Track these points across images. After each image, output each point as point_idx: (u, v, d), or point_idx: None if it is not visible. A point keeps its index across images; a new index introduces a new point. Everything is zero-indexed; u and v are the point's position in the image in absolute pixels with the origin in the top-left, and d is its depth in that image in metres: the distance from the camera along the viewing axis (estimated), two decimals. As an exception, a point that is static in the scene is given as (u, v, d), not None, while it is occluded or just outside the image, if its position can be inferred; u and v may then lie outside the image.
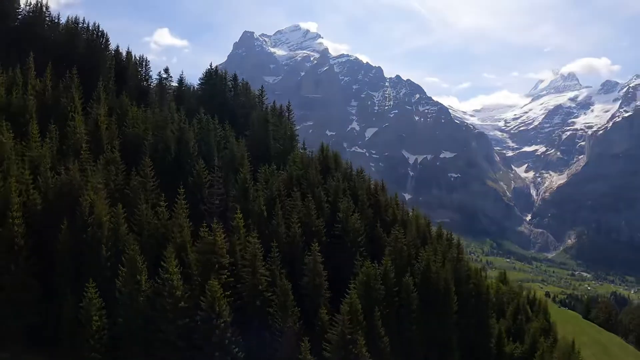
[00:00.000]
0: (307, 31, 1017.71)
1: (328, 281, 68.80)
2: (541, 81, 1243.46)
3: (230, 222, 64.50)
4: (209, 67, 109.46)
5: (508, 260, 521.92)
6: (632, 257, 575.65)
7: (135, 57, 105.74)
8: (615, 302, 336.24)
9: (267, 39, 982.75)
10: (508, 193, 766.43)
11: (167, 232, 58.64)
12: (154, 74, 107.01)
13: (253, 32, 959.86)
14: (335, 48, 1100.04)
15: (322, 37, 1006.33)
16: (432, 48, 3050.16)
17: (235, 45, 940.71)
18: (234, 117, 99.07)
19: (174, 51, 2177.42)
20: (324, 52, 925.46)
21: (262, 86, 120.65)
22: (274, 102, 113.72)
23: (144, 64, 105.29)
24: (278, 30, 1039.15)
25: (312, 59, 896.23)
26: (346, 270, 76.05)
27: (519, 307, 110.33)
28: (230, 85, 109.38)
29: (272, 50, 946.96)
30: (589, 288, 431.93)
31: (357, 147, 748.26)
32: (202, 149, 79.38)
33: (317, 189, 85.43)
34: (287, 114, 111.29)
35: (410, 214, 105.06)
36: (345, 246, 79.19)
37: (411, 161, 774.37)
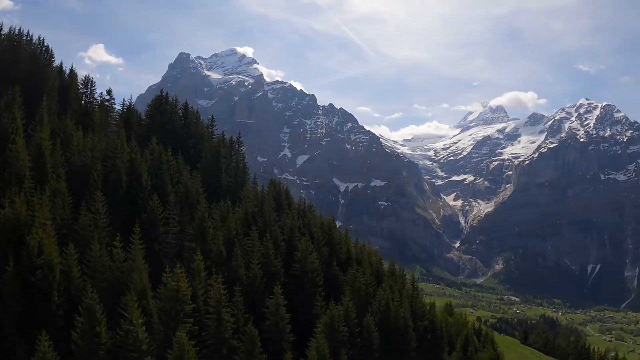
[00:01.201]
0: (243, 56, 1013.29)
1: (289, 323, 66.07)
2: (470, 113, 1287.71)
3: (190, 264, 60.47)
4: (160, 93, 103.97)
5: (438, 286, 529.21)
6: (559, 280, 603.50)
7: (79, 76, 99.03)
8: (545, 324, 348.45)
9: (202, 62, 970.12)
10: (437, 221, 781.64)
11: (124, 276, 53.99)
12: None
13: (189, 54, 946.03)
14: (270, 74, 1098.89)
15: (258, 63, 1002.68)
16: (365, 78, 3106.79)
17: (171, 66, 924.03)
18: (184, 148, 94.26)
19: (108, 68, 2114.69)
20: (259, 78, 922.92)
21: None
22: (223, 132, 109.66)
23: (89, 84, 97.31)
24: (214, 54, 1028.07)
25: (246, 84, 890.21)
26: (305, 311, 73.66)
27: (468, 338, 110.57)
28: (181, 114, 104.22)
29: (207, 73, 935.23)
30: (518, 311, 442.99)
31: (288, 174, 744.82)
32: (155, 182, 74.63)
33: (274, 227, 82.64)
34: (237, 146, 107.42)
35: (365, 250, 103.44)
36: (304, 286, 76.52)
37: (342, 189, 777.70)
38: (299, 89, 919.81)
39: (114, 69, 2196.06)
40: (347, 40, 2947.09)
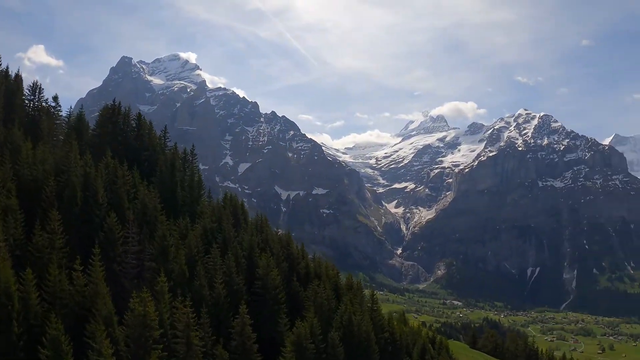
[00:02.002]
0: (186, 61, 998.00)
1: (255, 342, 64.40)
2: (411, 122, 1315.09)
3: (154, 286, 57.79)
4: (112, 102, 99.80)
5: (382, 292, 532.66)
6: (499, 284, 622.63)
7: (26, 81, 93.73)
8: (487, 326, 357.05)
9: (145, 66, 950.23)
10: (379, 228, 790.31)
11: (86, 301, 51.02)
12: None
13: (131, 58, 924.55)
14: (213, 80, 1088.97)
15: (201, 69, 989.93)
16: (308, 86, 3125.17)
17: (112, 70, 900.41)
18: (137, 161, 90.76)
19: (48, 70, 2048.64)
20: (202, 84, 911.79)
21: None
22: (175, 144, 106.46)
23: (36, 90, 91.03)
24: (157, 58, 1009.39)
25: (189, 90, 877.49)
26: (269, 329, 72.17)
27: (425, 347, 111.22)
28: (134, 125, 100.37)
29: (149, 78, 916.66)
30: (461, 315, 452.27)
31: (229, 182, 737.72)
32: (111, 198, 71.33)
33: (234, 243, 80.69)
34: (190, 158, 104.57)
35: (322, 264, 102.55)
36: (267, 304, 74.98)
37: (284, 197, 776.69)
38: (241, 96, 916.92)
39: (55, 71, 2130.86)
40: (291, 49, 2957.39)
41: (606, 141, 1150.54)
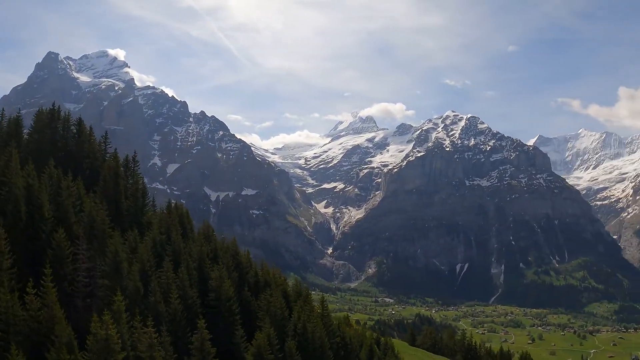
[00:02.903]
0: (115, 58, 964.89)
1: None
2: (341, 122, 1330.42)
3: (110, 305, 54.98)
4: (52, 107, 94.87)
5: (314, 292, 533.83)
6: (429, 280, 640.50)
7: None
8: (420, 322, 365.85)
9: (72, 63, 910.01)
10: (309, 228, 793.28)
11: (42, 327, 47.92)
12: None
13: (58, 54, 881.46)
14: (142, 79, 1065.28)
15: (129, 67, 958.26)
16: (238, 86, 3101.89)
17: (38, 66, 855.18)
18: (79, 169, 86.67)
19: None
20: (130, 82, 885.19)
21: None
22: (115, 150, 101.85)
23: None
24: (84, 55, 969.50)
25: (116, 88, 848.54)
26: (226, 342, 70.61)
27: (372, 349, 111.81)
28: (75, 130, 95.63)
29: (76, 75, 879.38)
30: (393, 312, 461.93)
31: (158, 184, 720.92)
32: (55, 212, 67.49)
33: (184, 255, 78.47)
34: (133, 165, 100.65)
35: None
36: (222, 316, 73.46)
37: (213, 198, 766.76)
38: (170, 95, 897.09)
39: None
40: (222, 48, 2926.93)
41: (530, 142, 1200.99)
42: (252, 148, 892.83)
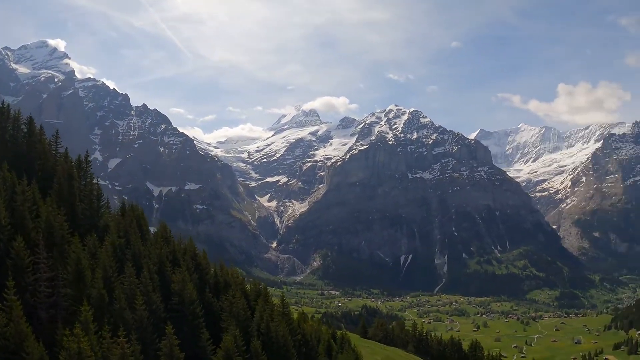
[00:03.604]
0: (55, 49, 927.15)
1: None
2: (284, 116, 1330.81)
3: (77, 316, 53.42)
4: (1, 105, 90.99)
5: (260, 287, 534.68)
6: (374, 272, 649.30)
7: None
8: (367, 314, 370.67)
9: (10, 53, 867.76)
10: (253, 222, 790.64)
11: (10, 344, 46.02)
12: None
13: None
14: (82, 70, 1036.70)
15: (70, 58, 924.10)
16: (181, 78, 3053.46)
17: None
18: (32, 172, 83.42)
19: None
20: (70, 74, 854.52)
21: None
22: (66, 149, 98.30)
23: None
24: (23, 45, 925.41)
25: (56, 80, 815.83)
26: (192, 345, 69.84)
27: (329, 344, 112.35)
28: (25, 130, 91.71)
29: (15, 66, 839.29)
30: (340, 305, 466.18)
31: (99, 179, 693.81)
32: (11, 219, 64.83)
33: (145, 259, 76.86)
34: (85, 166, 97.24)
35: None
36: (186, 319, 72.38)
37: (156, 193, 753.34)
38: (112, 87, 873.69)
39: None
40: (165, 39, 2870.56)
41: (472, 136, 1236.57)
42: (195, 142, 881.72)
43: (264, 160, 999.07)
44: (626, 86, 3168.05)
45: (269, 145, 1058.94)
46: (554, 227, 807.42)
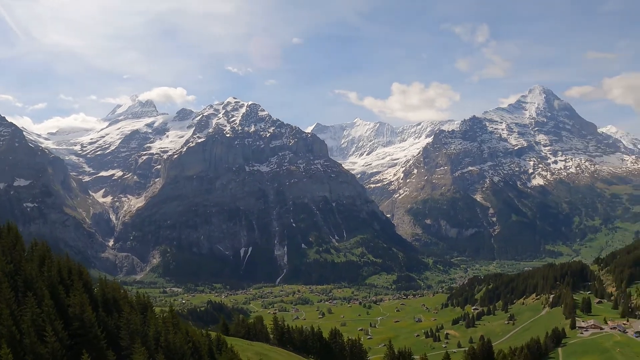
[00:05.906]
0: None
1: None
2: (119, 106, 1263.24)
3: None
4: None
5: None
6: (214, 266, 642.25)
7: None
8: (213, 309, 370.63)
9: None
10: (88, 220, 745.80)
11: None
12: None
13: None
14: None
15: None
16: (10, 62, 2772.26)
17: None
18: None
19: None
20: None
21: None
22: None
23: None
24: None
25: None
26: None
27: (210, 347, 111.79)
28: None
29: None
30: (184, 301, 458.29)
31: None
32: None
33: (39, 284, 73.93)
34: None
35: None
36: (90, 343, 71.02)
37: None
38: None
39: None
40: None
41: (309, 129, 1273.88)
42: (24, 133, 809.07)
43: (98, 152, 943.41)
44: (456, 87, 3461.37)
45: (103, 137, 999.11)
46: (388, 215, 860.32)
